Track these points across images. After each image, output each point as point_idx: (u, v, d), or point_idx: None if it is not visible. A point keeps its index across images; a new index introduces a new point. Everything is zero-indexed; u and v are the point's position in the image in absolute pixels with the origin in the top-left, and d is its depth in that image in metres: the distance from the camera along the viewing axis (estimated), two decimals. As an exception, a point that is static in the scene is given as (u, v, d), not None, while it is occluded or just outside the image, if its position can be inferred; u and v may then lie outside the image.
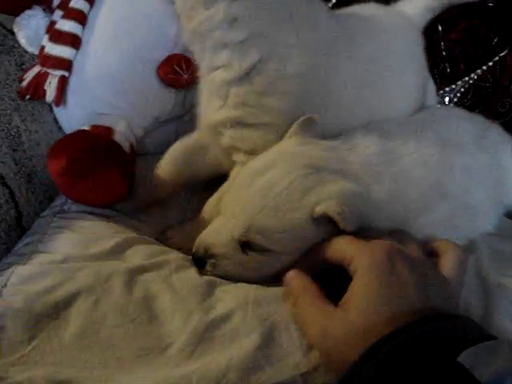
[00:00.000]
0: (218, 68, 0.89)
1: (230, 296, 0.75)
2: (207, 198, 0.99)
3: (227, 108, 0.90)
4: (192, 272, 0.81)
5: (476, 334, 0.58)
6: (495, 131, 1.21)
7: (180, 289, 0.76)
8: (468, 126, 1.12)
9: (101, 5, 1.13)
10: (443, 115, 1.15)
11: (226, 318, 0.71)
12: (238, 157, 0.94)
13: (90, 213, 0.97)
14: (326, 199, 0.76)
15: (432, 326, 0.58)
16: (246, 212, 0.77)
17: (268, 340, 0.68)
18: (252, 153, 0.91)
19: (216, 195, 0.97)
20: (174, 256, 0.86)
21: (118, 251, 0.84)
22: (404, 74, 1.08)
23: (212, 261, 0.80)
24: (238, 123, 0.90)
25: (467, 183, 0.98)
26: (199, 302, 0.74)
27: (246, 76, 0.87)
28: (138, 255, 0.84)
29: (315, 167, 0.81)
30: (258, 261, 0.79)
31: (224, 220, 0.81)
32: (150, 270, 0.79)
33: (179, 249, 0.92)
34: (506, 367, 0.51)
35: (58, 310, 0.70)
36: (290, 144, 0.87)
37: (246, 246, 0.78)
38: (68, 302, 0.71)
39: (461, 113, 1.24)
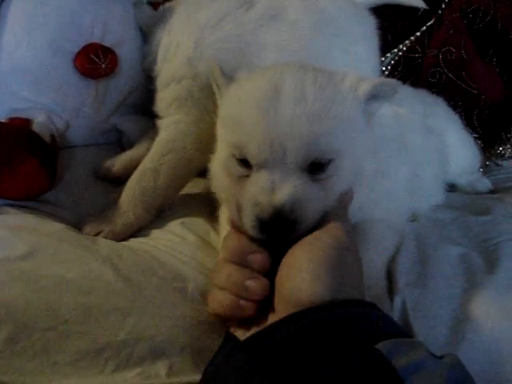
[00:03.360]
0: None
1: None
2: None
3: None
4: (126, 262, 0.78)
5: (392, 327, 0.60)
6: (439, 107, 1.30)
7: (115, 283, 0.72)
8: (416, 105, 1.17)
9: (13, -3, 1.07)
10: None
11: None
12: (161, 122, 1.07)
13: (12, 205, 0.92)
14: (359, 81, 0.78)
15: (349, 312, 0.59)
16: (297, 131, 0.69)
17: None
18: (166, 114, 1.06)
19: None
20: (104, 245, 0.83)
21: (43, 247, 0.78)
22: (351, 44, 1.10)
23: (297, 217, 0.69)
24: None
25: (420, 159, 1.05)
26: (136, 295, 0.71)
27: None
28: (64, 248, 0.79)
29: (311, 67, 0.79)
30: (330, 181, 0.73)
31: (272, 170, 0.71)
32: (81, 265, 0.75)
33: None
34: (422, 358, 0.52)
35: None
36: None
37: (314, 169, 0.71)
38: (-4, 304, 0.66)
39: (408, 91, 1.28)
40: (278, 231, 0.68)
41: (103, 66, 1.10)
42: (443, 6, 1.56)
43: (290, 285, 0.62)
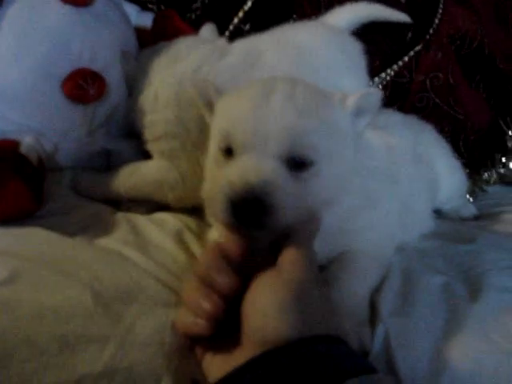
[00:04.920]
0: None
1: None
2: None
3: None
4: (106, 288, 0.76)
5: (358, 363, 0.59)
6: (429, 135, 1.31)
7: (94, 310, 0.71)
8: (406, 132, 1.18)
9: (1, 21, 1.07)
10: (385, 124, 1.18)
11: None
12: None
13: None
14: (346, 96, 0.81)
15: (316, 349, 0.58)
16: (283, 122, 0.71)
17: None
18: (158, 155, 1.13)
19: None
20: (86, 270, 0.79)
21: (24, 272, 0.76)
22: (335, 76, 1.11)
23: (269, 202, 0.68)
24: None
25: (411, 190, 1.06)
26: (115, 323, 0.69)
27: None
28: (45, 274, 0.77)
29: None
30: (309, 183, 0.73)
31: (252, 155, 0.71)
32: (60, 292, 0.73)
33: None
34: None
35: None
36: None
37: (294, 166, 0.72)
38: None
39: (398, 118, 1.28)
40: (248, 214, 0.67)
41: (91, 91, 1.10)
42: (431, 32, 1.58)
43: (255, 322, 0.62)
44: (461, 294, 0.86)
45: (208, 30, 1.32)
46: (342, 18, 1.27)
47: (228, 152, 0.75)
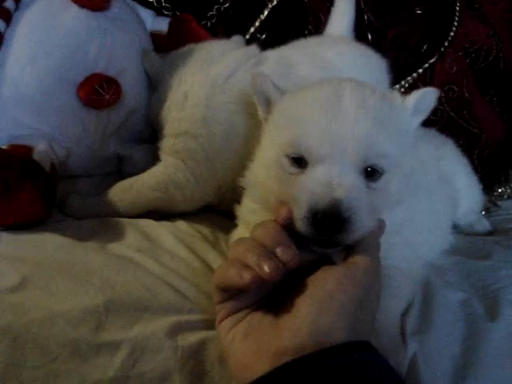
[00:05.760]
0: None
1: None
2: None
3: None
4: (119, 294, 0.75)
5: (393, 376, 0.60)
6: (450, 150, 1.29)
7: (105, 316, 0.70)
8: (428, 147, 1.14)
9: (17, 24, 1.06)
10: None
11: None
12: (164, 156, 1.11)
13: (7, 231, 0.90)
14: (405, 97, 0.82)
15: (360, 356, 0.59)
16: (359, 131, 0.71)
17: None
18: (171, 155, 1.10)
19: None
20: (98, 276, 0.79)
21: (35, 278, 0.76)
22: None
23: (351, 217, 0.67)
24: None
25: (438, 206, 1.04)
26: (126, 330, 0.69)
27: None
28: (56, 280, 0.76)
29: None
30: (379, 193, 0.73)
31: (330, 165, 0.70)
32: (71, 298, 0.73)
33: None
34: None
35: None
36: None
37: (367, 176, 0.72)
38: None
39: (419, 132, 1.28)
40: (330, 226, 0.67)
41: (107, 97, 1.09)
42: (446, 44, 1.57)
43: (313, 307, 0.62)
44: (479, 311, 0.85)
45: (237, 41, 1.32)
46: (342, 26, 1.28)
47: (297, 160, 0.74)
